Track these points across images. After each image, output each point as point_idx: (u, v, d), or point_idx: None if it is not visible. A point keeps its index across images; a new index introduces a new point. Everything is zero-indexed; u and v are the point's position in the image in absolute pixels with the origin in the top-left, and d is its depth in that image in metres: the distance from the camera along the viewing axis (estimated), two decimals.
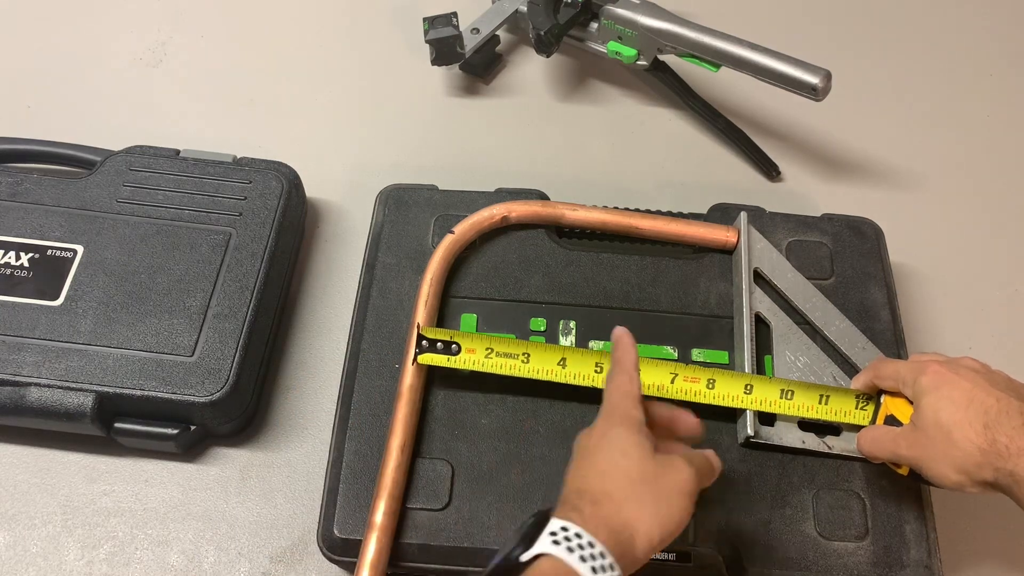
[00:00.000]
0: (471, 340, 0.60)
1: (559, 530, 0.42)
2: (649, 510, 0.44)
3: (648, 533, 0.43)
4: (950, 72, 0.91)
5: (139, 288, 0.65)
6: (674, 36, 0.76)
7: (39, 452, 0.66)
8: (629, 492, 0.44)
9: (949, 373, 0.51)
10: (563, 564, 0.40)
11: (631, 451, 0.46)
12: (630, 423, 0.47)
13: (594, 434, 0.48)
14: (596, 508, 0.43)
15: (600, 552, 0.41)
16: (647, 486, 0.45)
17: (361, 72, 0.89)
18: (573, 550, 0.41)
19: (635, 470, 0.45)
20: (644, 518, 0.44)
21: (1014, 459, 0.46)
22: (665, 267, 0.67)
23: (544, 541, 0.41)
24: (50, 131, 0.76)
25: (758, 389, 0.58)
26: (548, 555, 0.41)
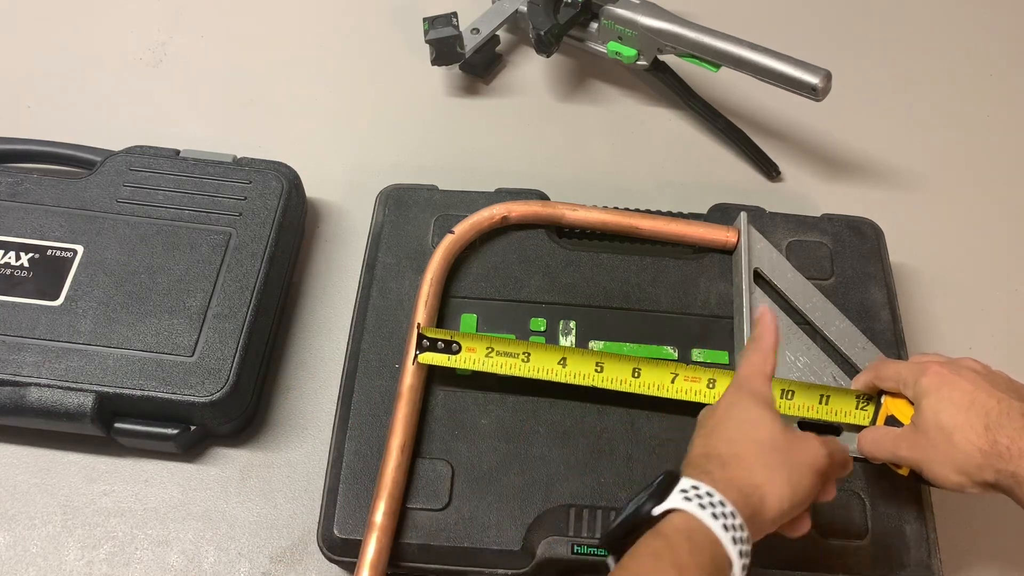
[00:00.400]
0: (471, 340, 0.60)
1: (690, 488, 0.42)
2: (781, 475, 0.43)
3: (779, 497, 0.43)
4: (950, 72, 0.91)
5: (139, 288, 0.65)
6: (674, 36, 0.76)
7: (39, 452, 0.66)
8: (759, 456, 0.44)
9: (950, 374, 0.51)
10: (695, 519, 0.40)
11: (760, 420, 0.46)
12: (759, 397, 0.47)
13: (720, 405, 0.48)
14: (725, 470, 0.43)
15: (731, 511, 0.41)
16: (778, 453, 0.44)
17: (361, 72, 0.89)
18: (705, 507, 0.41)
19: (765, 437, 0.45)
20: (775, 482, 0.43)
21: (1015, 460, 0.46)
22: (665, 267, 0.67)
23: (676, 497, 0.41)
24: (50, 131, 0.76)
25: None
26: (680, 510, 0.41)
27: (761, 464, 0.44)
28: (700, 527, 0.41)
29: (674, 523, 0.41)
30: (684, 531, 0.41)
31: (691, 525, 0.41)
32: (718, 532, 0.41)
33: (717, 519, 0.41)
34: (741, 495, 0.42)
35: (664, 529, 0.41)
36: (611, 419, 0.61)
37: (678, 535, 0.41)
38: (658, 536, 0.41)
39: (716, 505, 0.41)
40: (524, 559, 0.57)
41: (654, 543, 0.41)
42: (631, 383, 0.59)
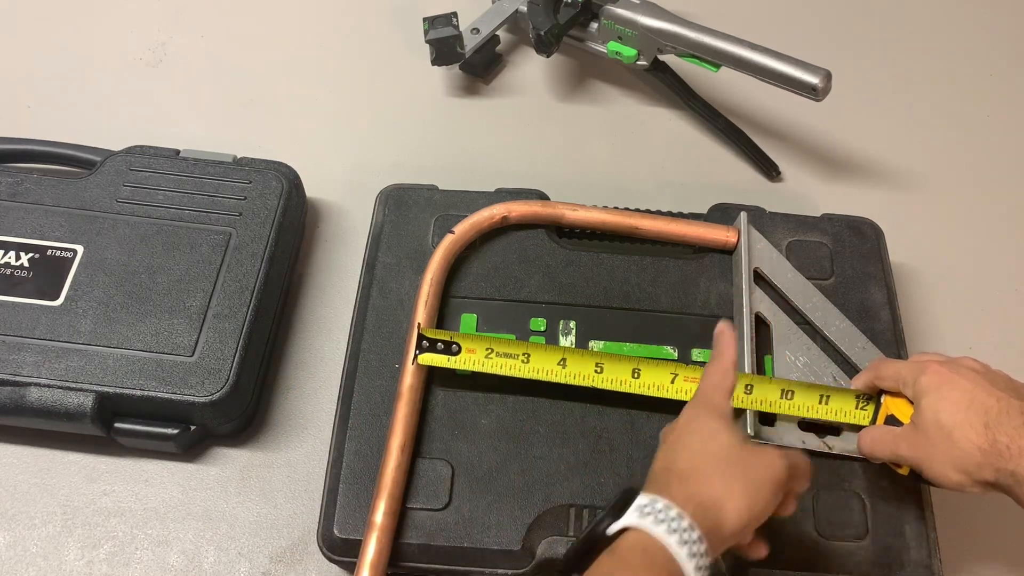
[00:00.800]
0: (471, 341, 0.60)
1: (647, 503, 0.42)
2: (739, 489, 0.44)
3: (737, 511, 0.43)
4: (950, 72, 0.91)
5: (139, 288, 0.65)
6: (674, 36, 0.76)
7: (39, 452, 0.66)
8: (718, 471, 0.44)
9: (949, 373, 0.51)
10: (650, 536, 0.41)
11: (720, 435, 0.46)
12: (718, 412, 0.48)
13: (680, 421, 0.49)
14: (684, 485, 0.43)
15: (688, 525, 0.41)
16: (737, 467, 0.44)
17: (361, 72, 0.89)
18: (661, 522, 0.41)
19: (724, 451, 0.45)
20: (734, 496, 0.43)
21: (1015, 459, 0.46)
22: (665, 267, 0.67)
23: (632, 514, 0.42)
24: (50, 131, 0.76)
25: (758, 389, 0.58)
26: (636, 528, 0.41)
27: (720, 478, 0.44)
28: (655, 543, 0.41)
29: (629, 541, 0.41)
30: (639, 548, 0.41)
31: (646, 542, 0.41)
32: (674, 547, 0.40)
33: (673, 534, 0.41)
34: (699, 509, 0.42)
35: (619, 547, 0.41)
36: (611, 419, 0.61)
37: (633, 553, 0.41)
38: (612, 554, 0.41)
39: (673, 520, 0.41)
40: (524, 559, 0.57)
41: (608, 562, 0.41)
42: (631, 384, 0.59)
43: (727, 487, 0.43)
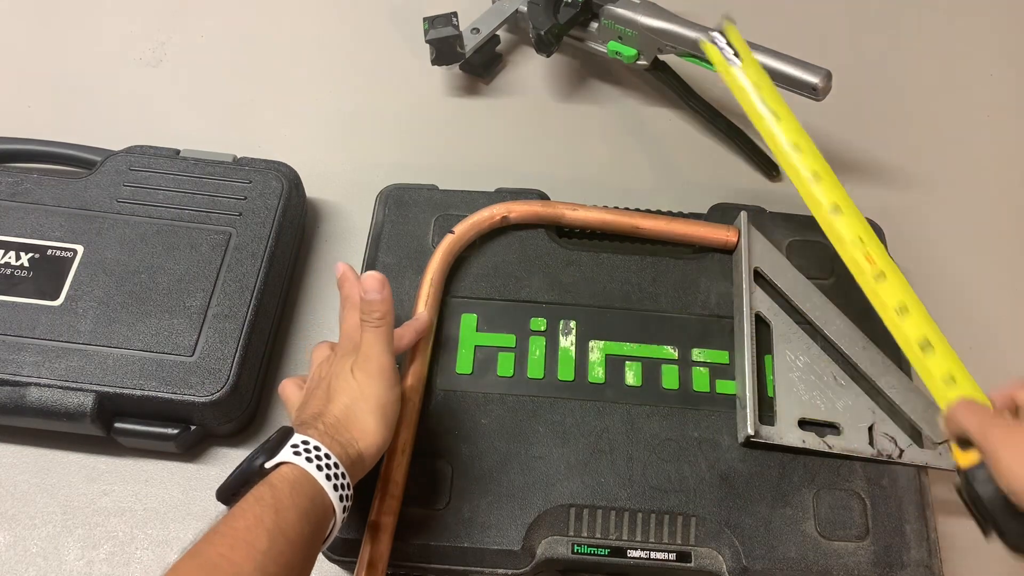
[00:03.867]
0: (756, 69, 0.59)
1: (300, 443, 0.47)
2: (372, 424, 0.51)
3: (376, 445, 0.51)
4: (950, 72, 0.91)
5: (139, 288, 0.65)
6: (674, 36, 0.76)
7: (39, 452, 0.66)
8: (356, 412, 0.51)
9: None
10: (301, 470, 0.46)
11: (362, 377, 0.52)
12: (356, 352, 0.53)
13: (332, 366, 0.54)
14: (328, 426, 0.49)
15: (334, 462, 0.47)
16: (369, 403, 0.51)
17: (361, 72, 0.89)
18: (311, 460, 0.47)
19: (358, 393, 0.51)
20: (368, 432, 0.50)
21: None
22: (665, 267, 0.67)
23: (286, 451, 0.47)
24: (50, 131, 0.76)
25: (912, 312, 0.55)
26: (289, 463, 0.46)
27: (360, 417, 0.51)
28: (305, 475, 0.46)
29: (282, 473, 0.46)
30: (289, 479, 0.46)
31: (296, 474, 0.46)
32: (321, 480, 0.46)
33: (320, 470, 0.46)
34: (342, 447, 0.49)
35: (272, 479, 0.46)
36: (611, 419, 0.61)
37: (283, 482, 0.45)
38: (265, 484, 0.45)
39: (321, 459, 0.47)
40: (524, 559, 0.57)
41: (260, 489, 0.45)
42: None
43: (363, 426, 0.50)
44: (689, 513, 0.58)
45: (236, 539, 0.42)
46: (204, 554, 0.42)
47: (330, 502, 0.47)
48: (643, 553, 0.57)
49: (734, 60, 0.61)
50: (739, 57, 0.61)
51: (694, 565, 0.57)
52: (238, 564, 0.41)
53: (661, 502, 0.58)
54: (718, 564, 0.57)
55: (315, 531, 0.46)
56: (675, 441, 0.60)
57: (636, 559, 0.57)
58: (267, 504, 0.44)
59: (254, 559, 0.42)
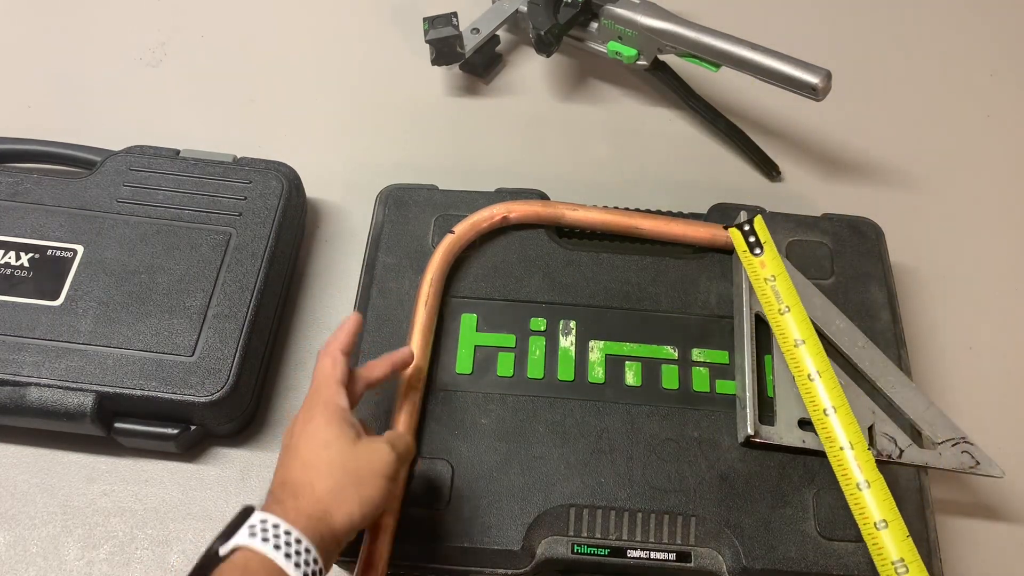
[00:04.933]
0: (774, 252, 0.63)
1: (258, 523, 0.44)
2: (349, 495, 0.47)
3: (349, 515, 0.46)
4: (950, 72, 0.91)
5: (139, 288, 0.65)
6: (674, 36, 0.76)
7: (39, 452, 0.66)
8: (330, 481, 0.47)
9: None
10: (257, 553, 0.43)
11: (332, 442, 0.48)
12: (331, 410, 0.49)
13: (296, 426, 0.50)
14: (296, 500, 0.46)
15: (296, 539, 0.43)
16: (348, 474, 0.47)
17: (361, 72, 0.89)
18: (268, 540, 0.43)
19: (336, 460, 0.47)
20: (344, 503, 0.46)
21: None
22: (665, 267, 0.67)
23: (242, 534, 0.43)
24: (50, 131, 0.76)
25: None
26: (244, 547, 0.43)
27: (332, 488, 0.46)
28: (260, 558, 0.42)
29: (234, 560, 0.43)
30: (241, 566, 0.42)
31: (249, 558, 0.42)
32: (279, 561, 0.42)
33: (279, 549, 0.43)
34: (311, 521, 0.45)
35: (223, 568, 0.42)
36: (611, 419, 0.61)
37: (234, 571, 0.42)
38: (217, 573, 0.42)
39: (281, 536, 0.43)
40: (524, 559, 0.57)
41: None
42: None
43: (337, 496, 0.46)
44: (689, 513, 0.58)
45: None
46: None
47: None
48: (643, 553, 0.57)
49: (756, 251, 0.63)
50: (762, 249, 0.63)
51: (694, 565, 0.57)
52: None
53: (661, 502, 0.58)
54: (718, 564, 0.57)
55: None
56: (675, 441, 0.60)
57: (636, 559, 0.57)
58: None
59: None
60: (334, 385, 0.51)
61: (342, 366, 0.52)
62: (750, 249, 0.63)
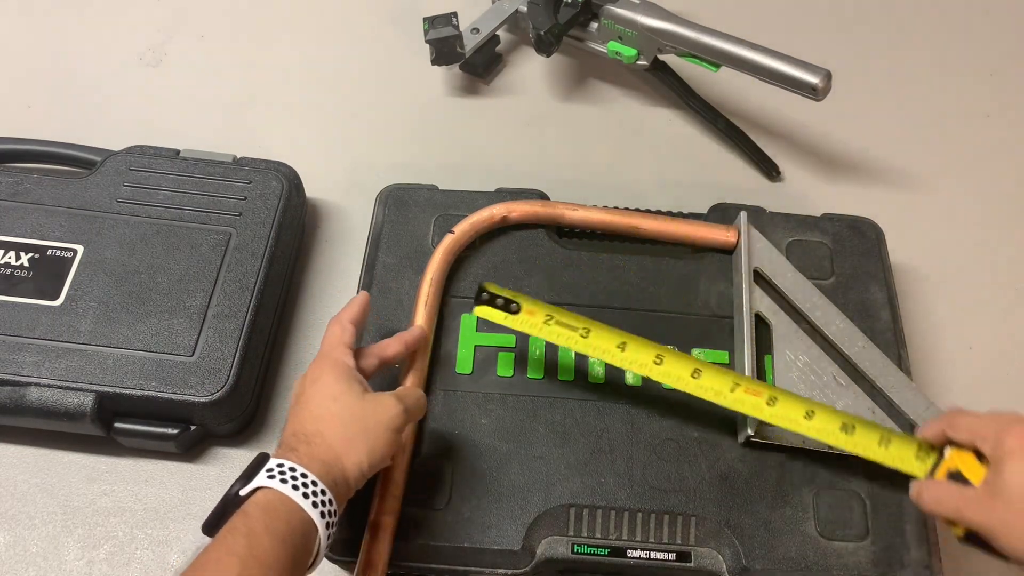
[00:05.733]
0: (532, 304, 0.59)
1: (275, 467, 0.47)
2: (358, 444, 0.50)
3: (358, 464, 0.49)
4: (950, 72, 0.91)
5: (139, 288, 0.65)
6: (674, 36, 0.76)
7: (39, 452, 0.66)
8: (340, 430, 0.50)
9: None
10: (276, 493, 0.46)
11: (341, 395, 0.51)
12: (339, 368, 0.52)
13: (307, 380, 0.53)
14: (309, 447, 0.48)
15: (312, 481, 0.46)
16: (356, 424, 0.50)
17: (361, 72, 0.89)
18: (287, 482, 0.46)
19: (345, 412, 0.50)
20: (353, 451, 0.49)
21: None
22: (665, 267, 0.67)
23: (261, 477, 0.46)
24: (50, 131, 0.76)
25: (819, 415, 0.55)
26: (264, 487, 0.46)
27: (341, 437, 0.49)
28: (280, 498, 0.45)
29: (256, 499, 0.46)
30: (263, 504, 0.45)
31: (271, 498, 0.45)
32: (298, 500, 0.45)
33: (297, 489, 0.46)
34: (324, 466, 0.48)
35: (247, 506, 0.45)
36: (611, 419, 0.61)
37: (256, 508, 0.45)
38: (239, 513, 0.45)
39: (298, 478, 0.46)
40: (524, 559, 0.57)
41: (234, 519, 0.45)
42: (688, 382, 0.57)
43: (347, 445, 0.49)
44: (689, 513, 0.58)
45: (206, 571, 0.42)
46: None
47: (310, 521, 0.46)
48: (643, 553, 0.57)
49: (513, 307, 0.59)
50: (517, 304, 0.59)
51: (694, 565, 0.57)
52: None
53: (661, 502, 0.58)
54: (718, 564, 0.57)
55: (293, 553, 0.45)
56: (675, 441, 0.60)
57: (636, 559, 0.57)
58: (239, 532, 0.43)
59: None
60: (341, 347, 0.54)
61: (350, 333, 0.55)
62: (510, 311, 0.59)
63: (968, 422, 0.51)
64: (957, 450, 0.52)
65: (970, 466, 0.50)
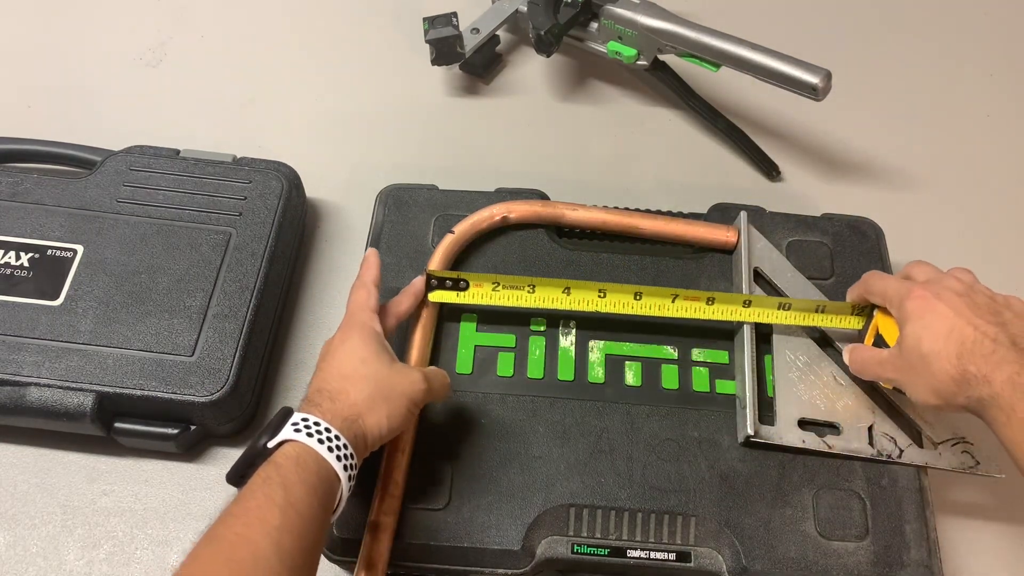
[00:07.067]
0: (478, 277, 0.62)
1: (300, 421, 0.48)
2: (379, 407, 0.51)
3: (378, 425, 0.51)
4: (950, 72, 0.91)
5: (139, 288, 0.65)
6: (674, 36, 0.76)
7: (39, 452, 0.66)
8: (365, 391, 0.51)
9: (933, 299, 0.53)
10: (303, 446, 0.47)
11: (369, 359, 0.53)
12: (367, 332, 0.54)
13: (335, 341, 0.54)
14: (333, 403, 0.50)
15: (335, 435, 0.48)
16: (380, 388, 0.52)
17: (361, 72, 0.89)
18: (312, 435, 0.48)
19: (371, 375, 0.52)
20: (375, 413, 0.51)
21: (981, 386, 0.49)
22: (665, 267, 0.67)
23: (287, 430, 0.48)
24: (50, 131, 0.76)
25: (756, 304, 0.62)
26: (291, 440, 0.47)
27: (364, 398, 0.51)
28: (308, 451, 0.47)
29: (285, 451, 0.47)
30: (293, 456, 0.47)
31: (299, 451, 0.47)
32: (324, 453, 0.47)
33: (323, 444, 0.47)
34: (346, 423, 0.49)
35: (276, 457, 0.47)
36: (611, 419, 0.61)
37: (287, 460, 0.46)
38: (270, 464, 0.46)
39: (323, 432, 0.48)
40: (524, 559, 0.57)
41: (266, 469, 0.46)
42: (633, 305, 0.62)
43: (370, 406, 0.51)
44: (689, 513, 0.58)
45: (249, 518, 0.43)
46: (220, 535, 0.43)
47: (335, 473, 0.48)
48: (643, 553, 0.57)
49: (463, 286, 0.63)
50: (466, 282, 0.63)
51: (694, 565, 0.57)
52: (254, 541, 0.42)
53: (661, 502, 0.58)
54: (718, 564, 0.57)
55: (323, 503, 0.47)
56: (675, 441, 0.60)
57: (636, 559, 0.57)
58: (275, 482, 0.45)
59: (269, 534, 0.43)
60: (368, 311, 0.56)
61: (375, 296, 0.57)
62: (460, 289, 0.62)
63: (881, 286, 0.58)
64: (881, 313, 0.59)
65: (888, 328, 0.58)
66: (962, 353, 0.50)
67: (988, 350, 0.49)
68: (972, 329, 0.50)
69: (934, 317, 0.52)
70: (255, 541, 0.42)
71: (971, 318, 0.51)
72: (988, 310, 0.52)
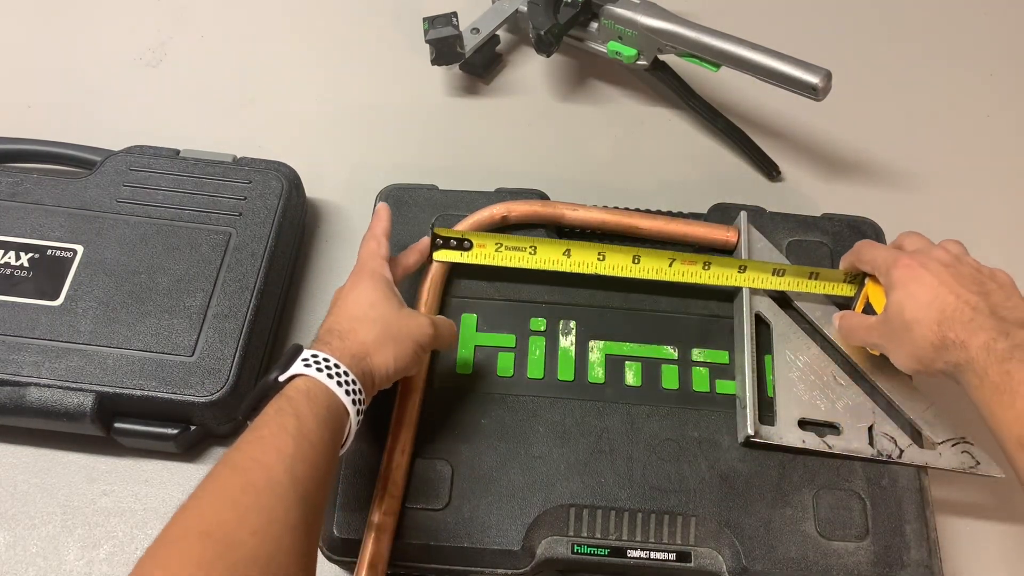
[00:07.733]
0: (482, 237, 0.64)
1: (310, 357, 0.50)
2: (387, 347, 0.53)
3: (385, 364, 0.53)
4: (950, 72, 0.91)
5: (139, 288, 0.65)
6: (674, 36, 0.76)
7: (39, 452, 0.66)
8: (373, 332, 0.53)
9: (919, 268, 0.54)
10: (314, 380, 0.49)
11: (378, 303, 0.55)
12: (377, 279, 0.56)
13: (346, 287, 0.57)
14: (343, 341, 0.52)
15: (344, 371, 0.50)
16: (389, 330, 0.54)
17: (361, 72, 0.89)
18: (322, 370, 0.49)
19: (380, 318, 0.54)
20: (382, 353, 0.53)
21: (958, 351, 0.51)
22: None
23: (298, 365, 0.50)
24: (50, 131, 0.76)
25: (751, 269, 0.63)
26: (302, 375, 0.49)
27: (373, 338, 0.53)
28: (318, 385, 0.49)
29: (296, 385, 0.49)
30: (304, 390, 0.48)
31: (310, 385, 0.49)
32: (333, 387, 0.49)
33: (332, 378, 0.49)
34: (354, 360, 0.51)
35: (288, 391, 0.48)
36: (611, 419, 0.61)
37: (299, 393, 0.48)
38: (281, 396, 0.48)
39: (332, 368, 0.50)
40: (524, 559, 0.57)
41: (279, 401, 0.48)
42: (631, 269, 0.64)
43: (378, 346, 0.53)
44: (689, 513, 0.58)
45: (264, 445, 0.45)
46: (236, 460, 0.44)
47: (344, 407, 0.49)
48: (643, 553, 0.57)
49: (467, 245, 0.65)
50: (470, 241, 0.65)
51: (694, 565, 0.57)
52: (269, 466, 0.43)
53: (661, 502, 0.58)
54: (718, 564, 0.57)
55: (333, 435, 0.48)
56: (675, 441, 0.60)
57: (636, 559, 0.57)
58: (287, 413, 0.46)
59: (283, 461, 0.44)
60: (378, 259, 0.58)
61: (385, 246, 0.59)
62: (464, 249, 0.64)
63: (871, 255, 0.59)
64: (872, 281, 0.60)
65: (877, 296, 0.59)
66: (942, 320, 0.52)
67: (967, 317, 0.51)
68: (954, 297, 0.52)
69: (918, 286, 0.54)
70: (270, 466, 0.43)
71: (954, 287, 0.53)
72: (972, 280, 0.53)
